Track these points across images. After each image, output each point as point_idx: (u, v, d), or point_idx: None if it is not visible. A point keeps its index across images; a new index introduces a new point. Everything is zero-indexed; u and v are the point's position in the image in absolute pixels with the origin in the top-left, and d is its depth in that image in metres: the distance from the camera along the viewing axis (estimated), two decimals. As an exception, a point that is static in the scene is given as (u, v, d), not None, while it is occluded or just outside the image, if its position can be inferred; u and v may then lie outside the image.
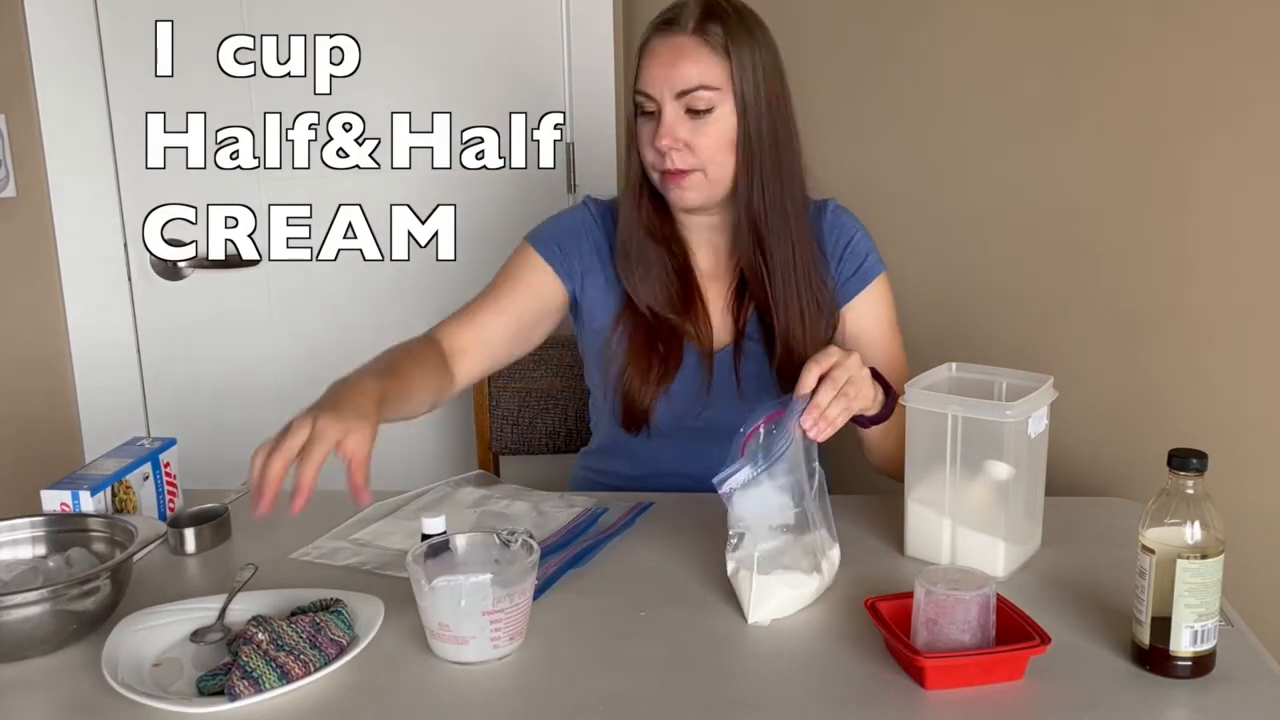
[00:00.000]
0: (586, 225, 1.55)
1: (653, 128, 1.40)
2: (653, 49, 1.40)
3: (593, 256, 1.53)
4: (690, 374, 1.49)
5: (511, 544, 1.12)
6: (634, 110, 1.44)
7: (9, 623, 1.06)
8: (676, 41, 1.38)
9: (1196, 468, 1.00)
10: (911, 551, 1.28)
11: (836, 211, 1.55)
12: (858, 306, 1.53)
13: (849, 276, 1.52)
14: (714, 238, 1.52)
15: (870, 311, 1.53)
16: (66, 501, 1.28)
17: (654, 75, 1.39)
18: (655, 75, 1.39)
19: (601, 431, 1.63)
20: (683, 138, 1.39)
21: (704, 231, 1.52)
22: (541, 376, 1.97)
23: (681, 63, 1.38)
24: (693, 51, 1.38)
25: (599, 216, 1.56)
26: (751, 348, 1.50)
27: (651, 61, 1.40)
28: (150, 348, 2.08)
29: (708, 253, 1.54)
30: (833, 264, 1.52)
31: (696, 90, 1.38)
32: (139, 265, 2.04)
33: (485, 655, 1.06)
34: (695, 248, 1.53)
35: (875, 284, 1.54)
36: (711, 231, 1.52)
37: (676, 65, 1.38)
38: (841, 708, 0.99)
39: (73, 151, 1.95)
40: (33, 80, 1.90)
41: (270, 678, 1.00)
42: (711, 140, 1.39)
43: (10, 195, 1.86)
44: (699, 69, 1.38)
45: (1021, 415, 1.18)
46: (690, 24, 1.38)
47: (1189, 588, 0.99)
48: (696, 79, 1.37)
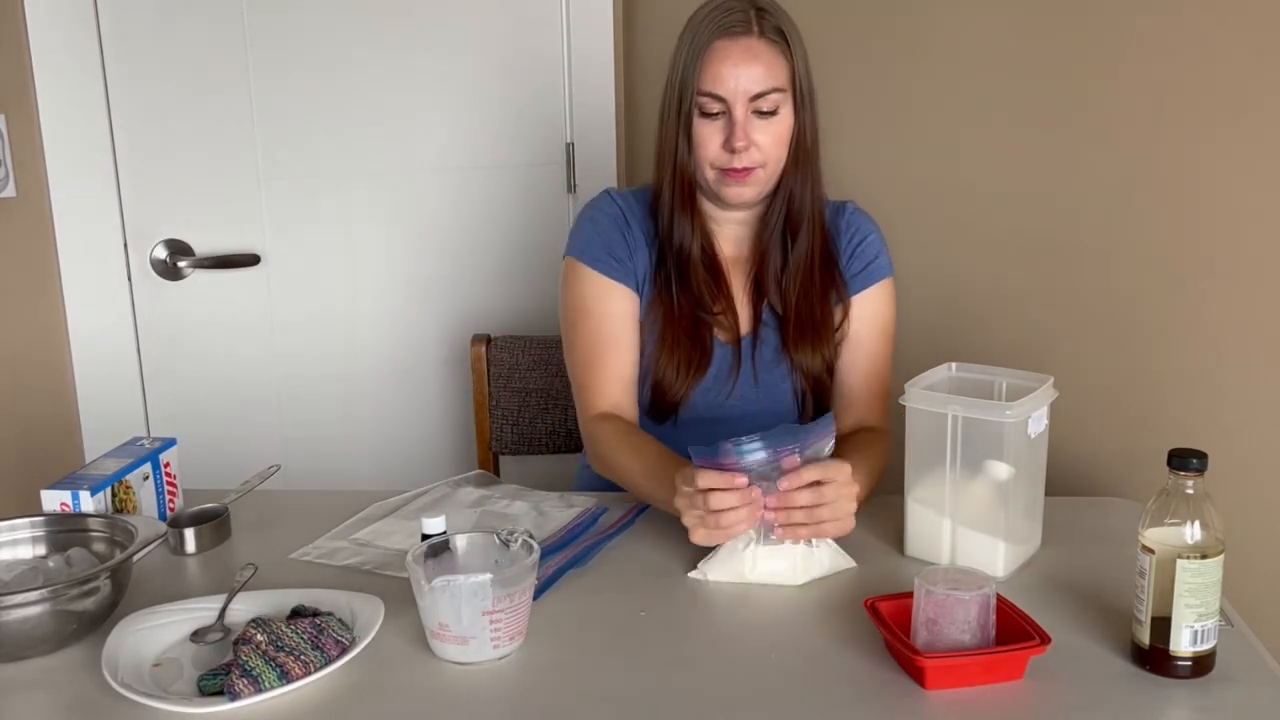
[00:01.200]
0: (618, 221, 1.54)
1: (720, 129, 1.42)
2: (720, 51, 1.40)
3: (631, 247, 1.53)
4: (719, 365, 1.51)
5: (511, 544, 1.12)
6: (691, 111, 1.43)
7: (9, 623, 1.06)
8: (746, 43, 1.40)
9: (1196, 468, 1.00)
10: (911, 551, 1.28)
11: (855, 212, 1.59)
12: (858, 302, 1.54)
13: (856, 273, 1.55)
14: (739, 230, 1.55)
15: (868, 311, 1.55)
16: (66, 501, 1.28)
17: (725, 77, 1.40)
18: (727, 77, 1.40)
19: None
20: (754, 138, 1.41)
21: (732, 224, 1.54)
22: (541, 376, 1.97)
23: (754, 66, 1.39)
24: (764, 54, 1.40)
25: (626, 209, 1.55)
26: (767, 334, 1.52)
27: (721, 64, 1.40)
28: (150, 348, 2.07)
29: (731, 244, 1.56)
30: (843, 259, 1.55)
31: (769, 93, 1.40)
32: (139, 265, 2.04)
33: (485, 655, 1.06)
34: (720, 240, 1.55)
35: (879, 286, 1.55)
36: (739, 224, 1.54)
37: (749, 67, 1.39)
38: (841, 708, 0.99)
39: (73, 151, 1.95)
40: (33, 80, 1.90)
41: (270, 677, 1.00)
42: (774, 138, 1.43)
43: (10, 195, 1.86)
44: (770, 72, 1.40)
45: (1021, 415, 1.18)
46: (754, 25, 1.40)
47: (1189, 588, 0.99)
48: (770, 81, 1.40)
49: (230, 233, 2.08)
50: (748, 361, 1.52)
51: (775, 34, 1.41)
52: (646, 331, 1.52)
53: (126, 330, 2.05)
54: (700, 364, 1.50)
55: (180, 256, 2.06)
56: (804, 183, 1.48)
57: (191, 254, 2.06)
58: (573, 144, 2.21)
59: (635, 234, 1.54)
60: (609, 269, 1.51)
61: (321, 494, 1.60)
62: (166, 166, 2.02)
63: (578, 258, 1.53)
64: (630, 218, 1.54)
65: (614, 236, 1.53)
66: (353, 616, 1.12)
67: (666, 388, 1.50)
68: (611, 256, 1.51)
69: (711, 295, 1.51)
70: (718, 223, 1.55)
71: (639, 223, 1.54)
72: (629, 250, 1.53)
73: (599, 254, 1.51)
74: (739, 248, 1.56)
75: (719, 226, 1.55)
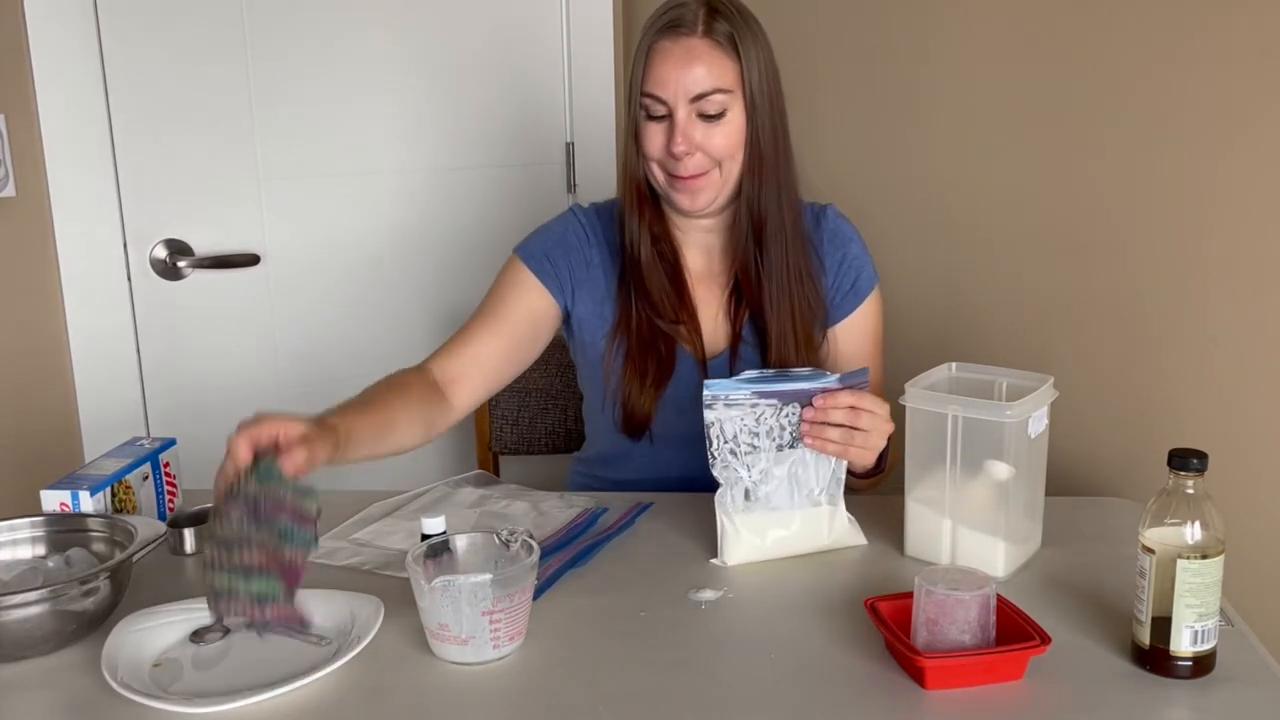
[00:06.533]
0: (577, 235, 1.51)
1: (663, 131, 1.38)
2: (662, 50, 1.36)
3: (583, 269, 1.50)
4: (685, 379, 1.47)
5: (511, 544, 1.12)
6: (637, 113, 1.40)
7: (9, 623, 1.06)
8: (688, 44, 1.35)
9: (1196, 468, 1.00)
10: (911, 551, 1.28)
11: (836, 219, 1.53)
12: (849, 325, 1.52)
13: (846, 292, 1.51)
14: (708, 239, 1.51)
15: (859, 328, 1.53)
16: (66, 501, 1.28)
17: (665, 78, 1.36)
18: (667, 78, 1.35)
19: (599, 439, 1.61)
20: (696, 141, 1.37)
21: (698, 233, 1.50)
22: (541, 376, 1.97)
23: (694, 66, 1.35)
24: (705, 54, 1.35)
25: (588, 225, 1.52)
26: (747, 352, 1.49)
27: (662, 64, 1.36)
28: (150, 348, 2.07)
29: (700, 255, 1.52)
30: (829, 276, 1.51)
31: (711, 94, 1.35)
32: (139, 265, 2.04)
33: (485, 655, 1.06)
34: (687, 250, 1.51)
35: (868, 301, 1.53)
36: (706, 233, 1.50)
37: (689, 68, 1.35)
38: (841, 708, 0.99)
39: (73, 151, 1.95)
40: (33, 80, 1.90)
41: (242, 583, 0.96)
42: (723, 142, 1.38)
43: (10, 195, 1.86)
44: (712, 72, 1.35)
45: (1022, 415, 1.18)
46: (699, 25, 1.35)
47: (1189, 588, 0.99)
48: (711, 82, 1.35)
49: (230, 233, 2.08)
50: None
51: (723, 35, 1.35)
52: (613, 345, 1.49)
53: (126, 330, 2.05)
54: (659, 376, 1.46)
55: (180, 256, 2.06)
56: (767, 189, 1.41)
57: (191, 254, 2.06)
58: (573, 144, 2.21)
59: (596, 250, 1.51)
60: (539, 267, 1.49)
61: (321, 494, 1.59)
62: (166, 166, 2.02)
63: (517, 253, 1.52)
64: (592, 234, 1.51)
65: (562, 250, 1.50)
66: (352, 617, 1.12)
67: (632, 400, 1.46)
68: (547, 259, 1.49)
69: (673, 305, 1.47)
70: (684, 231, 1.50)
71: (601, 238, 1.51)
72: (584, 266, 1.50)
73: (536, 255, 1.50)
74: (709, 259, 1.51)
75: (685, 235, 1.50)
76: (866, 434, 1.23)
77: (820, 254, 1.50)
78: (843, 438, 1.23)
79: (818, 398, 1.23)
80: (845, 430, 1.23)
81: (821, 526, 1.28)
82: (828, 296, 1.50)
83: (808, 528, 1.28)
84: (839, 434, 1.23)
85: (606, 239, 1.52)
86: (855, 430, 1.23)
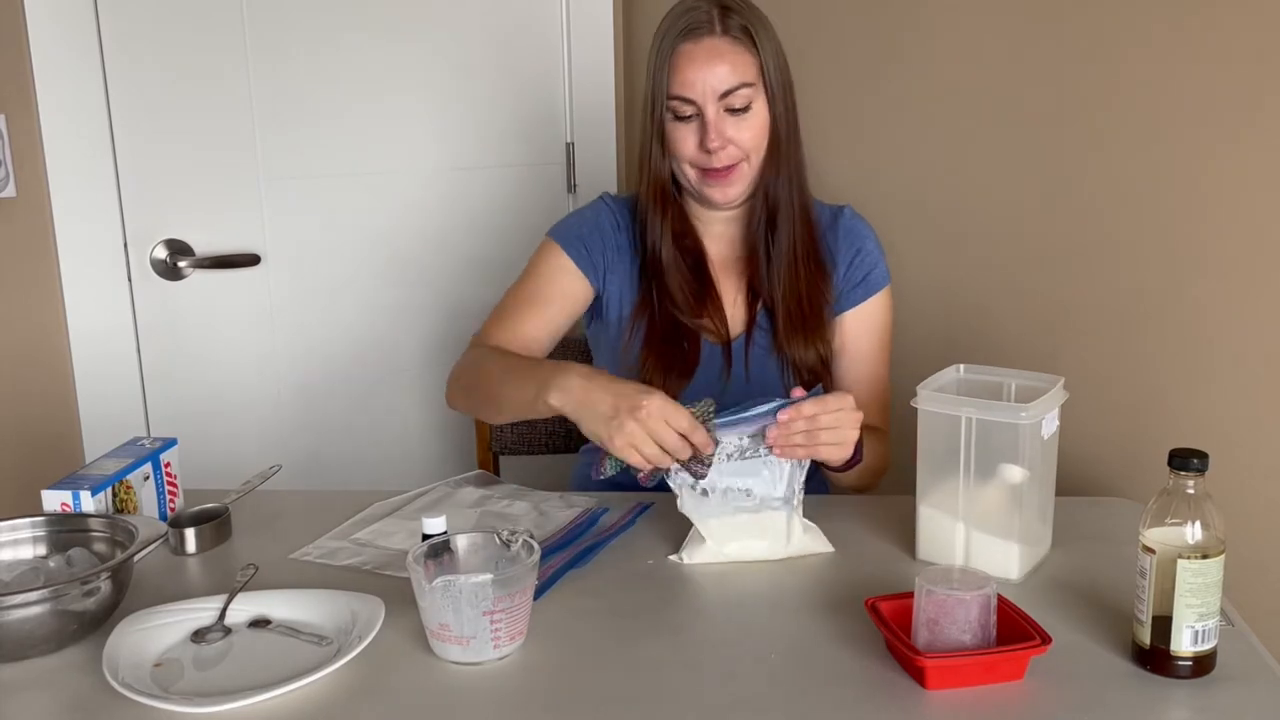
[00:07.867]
0: (608, 222, 1.58)
1: (693, 131, 1.44)
2: (685, 53, 1.42)
3: (614, 253, 1.56)
4: (708, 366, 1.51)
5: (512, 544, 1.12)
6: (663, 116, 1.45)
7: (10, 623, 1.06)
8: (709, 44, 1.42)
9: (1197, 468, 1.00)
10: (924, 555, 1.27)
11: (852, 218, 1.58)
12: (857, 315, 1.54)
13: (856, 284, 1.54)
14: (728, 229, 1.56)
15: (866, 323, 1.55)
16: (67, 501, 1.28)
17: (692, 80, 1.42)
18: (694, 79, 1.42)
19: None
20: (729, 136, 1.43)
21: (719, 224, 1.55)
22: (542, 376, 1.97)
23: (718, 64, 1.41)
24: (727, 51, 1.42)
25: (618, 213, 1.58)
26: (760, 336, 1.53)
27: (687, 66, 1.42)
28: (150, 348, 2.08)
29: (720, 244, 1.57)
30: (841, 268, 1.55)
31: (738, 89, 1.42)
32: (139, 265, 2.04)
33: (485, 655, 1.06)
34: (708, 241, 1.56)
35: (878, 296, 1.56)
36: (727, 223, 1.55)
37: (714, 67, 1.41)
38: (841, 708, 0.99)
39: (73, 151, 1.95)
40: (33, 80, 1.90)
41: None
42: (751, 134, 1.44)
43: (10, 195, 1.86)
44: (736, 68, 1.42)
45: (1036, 417, 1.17)
46: (716, 25, 1.42)
47: (1189, 587, 0.99)
48: (736, 78, 1.42)
49: (230, 233, 2.08)
50: (739, 361, 1.52)
51: (739, 30, 1.42)
52: (633, 327, 1.52)
53: (126, 330, 2.05)
54: (683, 368, 1.50)
55: (180, 256, 2.06)
56: (782, 175, 1.49)
57: (191, 254, 2.06)
58: (573, 144, 2.21)
59: (625, 235, 1.56)
60: (576, 254, 1.55)
61: (321, 494, 1.60)
62: (166, 166, 2.03)
63: (553, 236, 1.58)
64: (621, 221, 1.57)
65: (596, 234, 1.56)
66: (353, 617, 1.12)
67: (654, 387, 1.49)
68: (583, 244, 1.55)
69: (697, 298, 1.52)
70: (705, 223, 1.56)
71: (628, 227, 1.57)
72: (614, 251, 1.55)
73: (572, 239, 1.56)
74: (730, 247, 1.56)
75: (706, 226, 1.56)
76: (834, 429, 1.22)
77: (834, 250, 1.55)
78: (808, 440, 1.22)
79: (781, 414, 1.21)
80: (808, 433, 1.22)
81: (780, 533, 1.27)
82: (838, 285, 1.54)
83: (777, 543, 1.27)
84: (803, 437, 1.22)
85: (631, 230, 1.57)
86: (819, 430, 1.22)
